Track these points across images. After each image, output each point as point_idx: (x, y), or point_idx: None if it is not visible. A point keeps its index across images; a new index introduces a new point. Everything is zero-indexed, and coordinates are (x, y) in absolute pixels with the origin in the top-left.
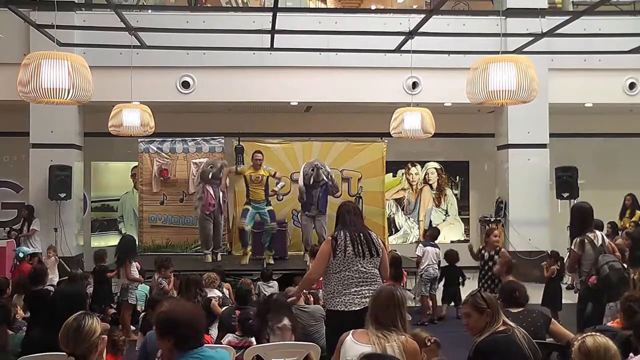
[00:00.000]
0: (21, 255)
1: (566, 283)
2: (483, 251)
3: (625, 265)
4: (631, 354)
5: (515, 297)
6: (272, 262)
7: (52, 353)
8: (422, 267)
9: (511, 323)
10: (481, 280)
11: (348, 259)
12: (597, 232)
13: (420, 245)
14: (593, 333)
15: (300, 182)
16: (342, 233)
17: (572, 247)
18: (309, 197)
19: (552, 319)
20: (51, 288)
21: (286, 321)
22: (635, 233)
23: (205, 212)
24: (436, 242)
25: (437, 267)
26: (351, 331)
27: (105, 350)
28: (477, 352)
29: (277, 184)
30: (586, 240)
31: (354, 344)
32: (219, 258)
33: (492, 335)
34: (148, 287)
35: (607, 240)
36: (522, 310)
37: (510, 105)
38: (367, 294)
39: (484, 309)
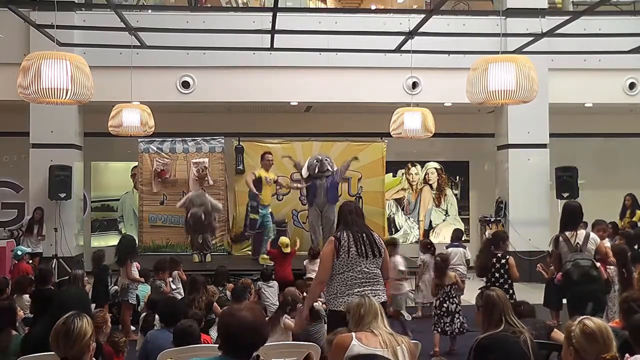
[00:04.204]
0: (19, 253)
1: None
2: None
3: (598, 264)
4: (627, 355)
5: None
6: (271, 263)
7: (52, 353)
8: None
9: (522, 327)
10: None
11: (351, 259)
12: (582, 230)
13: (444, 247)
14: (583, 317)
15: (304, 172)
16: (345, 234)
17: (549, 245)
18: (314, 187)
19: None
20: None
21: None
22: (626, 233)
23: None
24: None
25: (464, 267)
26: (352, 335)
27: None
28: (478, 347)
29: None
30: (560, 238)
31: (364, 350)
32: (208, 259)
33: (495, 334)
34: (149, 287)
35: (597, 239)
36: None
37: (510, 105)
38: (370, 294)
39: (479, 307)
